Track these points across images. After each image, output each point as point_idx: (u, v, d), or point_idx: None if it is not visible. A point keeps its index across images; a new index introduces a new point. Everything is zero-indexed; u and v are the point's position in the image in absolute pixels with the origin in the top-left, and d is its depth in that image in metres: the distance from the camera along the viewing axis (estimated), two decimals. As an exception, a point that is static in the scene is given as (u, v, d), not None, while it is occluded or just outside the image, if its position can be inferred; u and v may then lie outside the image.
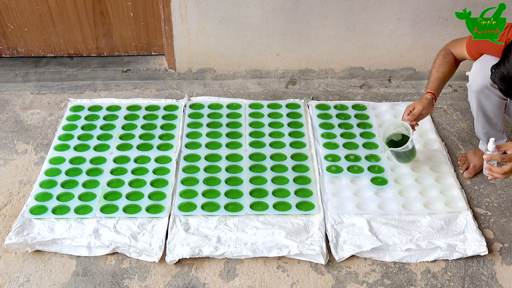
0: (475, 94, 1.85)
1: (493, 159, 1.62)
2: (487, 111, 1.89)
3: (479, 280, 1.71)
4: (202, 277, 1.70)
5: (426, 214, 1.88)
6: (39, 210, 1.86)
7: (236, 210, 1.89)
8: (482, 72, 1.76)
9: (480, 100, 1.86)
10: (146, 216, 1.86)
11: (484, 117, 1.92)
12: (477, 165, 2.08)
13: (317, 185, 2.00)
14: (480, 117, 1.92)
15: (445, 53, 1.92)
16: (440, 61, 1.91)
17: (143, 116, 2.35)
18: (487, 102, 1.85)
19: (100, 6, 2.48)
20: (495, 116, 1.91)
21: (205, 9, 2.39)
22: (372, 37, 2.50)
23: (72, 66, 2.62)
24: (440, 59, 1.92)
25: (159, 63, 2.65)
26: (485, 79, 1.76)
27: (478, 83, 1.81)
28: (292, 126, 2.31)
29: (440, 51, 1.94)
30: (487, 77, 1.69)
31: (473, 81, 1.83)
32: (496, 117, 1.92)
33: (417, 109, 1.89)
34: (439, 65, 1.91)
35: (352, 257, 1.76)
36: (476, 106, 1.89)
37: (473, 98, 1.87)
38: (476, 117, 1.95)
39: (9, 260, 1.74)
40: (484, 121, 1.93)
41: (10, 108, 2.44)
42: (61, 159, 2.10)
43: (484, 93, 1.82)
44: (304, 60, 2.59)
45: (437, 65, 1.92)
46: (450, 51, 1.92)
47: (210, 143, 2.20)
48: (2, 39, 2.59)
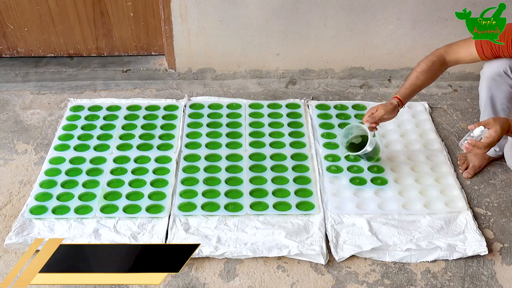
0: (487, 81, 1.84)
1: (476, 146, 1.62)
2: (496, 102, 1.89)
3: (479, 280, 1.71)
4: (202, 277, 1.70)
5: (426, 214, 1.88)
6: (39, 210, 1.87)
7: (236, 210, 1.89)
8: (496, 60, 1.78)
9: (491, 89, 1.86)
10: (146, 216, 1.86)
11: (492, 108, 1.91)
12: (477, 165, 2.08)
13: (317, 185, 2.00)
14: (488, 108, 1.92)
15: (435, 60, 1.84)
16: (426, 67, 1.84)
17: (143, 116, 2.35)
18: (498, 91, 1.85)
19: (100, 6, 2.49)
20: (503, 109, 1.91)
21: (205, 9, 2.39)
22: (372, 37, 2.50)
23: (72, 66, 2.62)
24: (426, 65, 1.84)
25: (159, 63, 2.65)
26: (499, 65, 1.78)
27: (492, 69, 1.81)
28: (292, 126, 2.31)
29: (429, 56, 1.86)
30: (502, 63, 1.73)
31: (487, 67, 1.83)
32: (503, 111, 1.92)
33: (379, 113, 1.85)
34: (422, 71, 1.84)
35: (352, 257, 1.76)
36: (486, 95, 1.89)
37: (484, 86, 1.87)
38: (483, 109, 1.94)
39: (9, 260, 1.74)
40: (491, 113, 1.92)
41: (10, 108, 2.44)
42: (61, 159, 2.10)
43: (496, 81, 1.82)
44: (304, 60, 2.59)
45: (420, 70, 1.85)
46: (441, 59, 1.85)
47: (210, 143, 2.20)
48: (2, 39, 2.59)
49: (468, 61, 1.85)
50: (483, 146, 1.60)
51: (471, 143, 1.62)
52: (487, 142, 1.60)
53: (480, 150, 1.61)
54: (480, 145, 1.61)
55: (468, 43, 1.81)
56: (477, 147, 1.61)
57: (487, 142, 1.60)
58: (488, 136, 1.60)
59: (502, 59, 1.78)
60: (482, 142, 1.60)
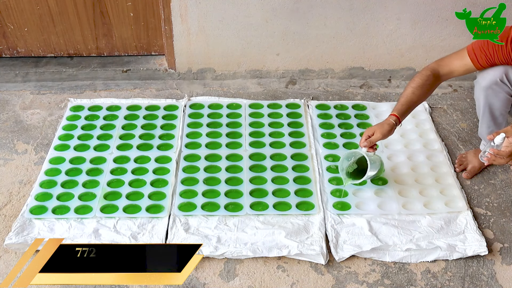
0: (484, 91, 1.82)
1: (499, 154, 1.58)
2: (494, 110, 1.87)
3: (479, 280, 1.71)
4: (202, 277, 1.70)
5: (426, 214, 1.88)
6: (39, 210, 1.87)
7: (236, 210, 1.89)
8: (491, 68, 1.76)
9: (488, 97, 1.84)
10: (146, 216, 1.86)
11: (490, 115, 1.90)
12: (477, 166, 2.08)
13: (317, 185, 2.00)
14: (487, 116, 1.90)
15: (429, 74, 1.80)
16: (422, 82, 1.79)
17: (143, 116, 2.35)
18: (495, 100, 1.84)
19: (100, 6, 2.49)
20: (501, 115, 1.90)
21: (205, 9, 2.39)
22: (372, 37, 2.50)
23: (72, 66, 2.62)
24: (421, 80, 1.80)
25: (159, 63, 2.65)
26: (495, 74, 1.76)
27: (487, 79, 1.79)
28: (292, 126, 2.31)
29: (423, 71, 1.82)
30: (497, 72, 1.71)
31: (482, 78, 1.81)
32: (502, 117, 1.91)
33: (375, 137, 1.80)
34: (417, 86, 1.79)
35: (352, 257, 1.76)
36: (484, 104, 1.87)
37: (481, 95, 1.85)
38: (482, 117, 1.93)
39: (9, 260, 1.74)
40: (490, 120, 1.91)
41: (10, 108, 2.44)
42: (61, 159, 2.10)
43: (492, 89, 1.81)
44: (304, 60, 2.59)
45: (415, 85, 1.80)
46: (435, 73, 1.82)
47: (210, 143, 2.20)
48: (2, 39, 2.59)
49: (462, 73, 1.81)
50: (506, 154, 1.57)
51: (493, 153, 1.58)
52: (510, 150, 1.56)
53: (503, 159, 1.58)
54: (503, 154, 1.57)
55: (461, 55, 1.79)
56: (500, 156, 1.57)
57: (510, 151, 1.56)
58: (508, 145, 1.57)
59: (496, 67, 1.77)
60: (505, 151, 1.57)
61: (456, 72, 1.82)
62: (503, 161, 1.58)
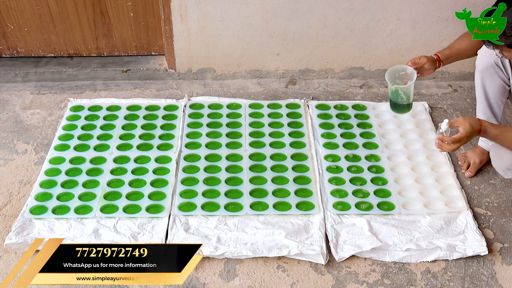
0: (480, 73, 1.90)
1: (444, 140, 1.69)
2: (489, 94, 1.92)
3: (479, 280, 1.71)
4: (202, 277, 1.70)
5: (426, 214, 1.88)
6: (39, 210, 1.87)
7: (236, 210, 1.89)
8: (488, 50, 1.79)
9: (484, 80, 1.90)
10: (146, 216, 1.86)
11: (486, 101, 1.95)
12: (477, 161, 2.09)
13: (317, 185, 2.00)
14: (482, 100, 1.96)
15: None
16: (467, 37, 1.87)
17: (143, 116, 2.35)
18: (490, 83, 1.89)
19: (100, 6, 2.49)
20: (496, 103, 1.94)
21: (205, 9, 2.39)
22: (372, 37, 2.50)
23: (72, 66, 2.62)
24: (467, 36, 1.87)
25: (159, 63, 2.65)
26: (491, 56, 1.82)
27: (484, 61, 1.86)
28: (292, 126, 2.31)
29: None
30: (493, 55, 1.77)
31: (480, 59, 1.88)
32: (497, 105, 1.95)
33: (422, 60, 1.90)
34: (463, 39, 1.89)
35: (352, 257, 1.76)
36: (480, 87, 1.93)
37: (478, 78, 1.92)
38: (478, 101, 1.99)
39: (9, 260, 1.74)
40: (485, 106, 1.96)
41: (10, 108, 2.44)
42: (61, 159, 2.10)
43: (488, 71, 1.87)
44: (304, 60, 2.59)
45: (461, 38, 1.90)
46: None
47: (210, 143, 2.20)
48: (2, 39, 2.59)
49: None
50: (450, 141, 1.66)
51: (439, 138, 1.70)
52: (454, 137, 1.65)
53: (449, 146, 1.68)
54: (447, 140, 1.67)
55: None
56: (444, 142, 1.68)
57: (454, 137, 1.65)
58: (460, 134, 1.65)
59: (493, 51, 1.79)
60: (449, 137, 1.66)
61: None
62: (449, 147, 1.68)
